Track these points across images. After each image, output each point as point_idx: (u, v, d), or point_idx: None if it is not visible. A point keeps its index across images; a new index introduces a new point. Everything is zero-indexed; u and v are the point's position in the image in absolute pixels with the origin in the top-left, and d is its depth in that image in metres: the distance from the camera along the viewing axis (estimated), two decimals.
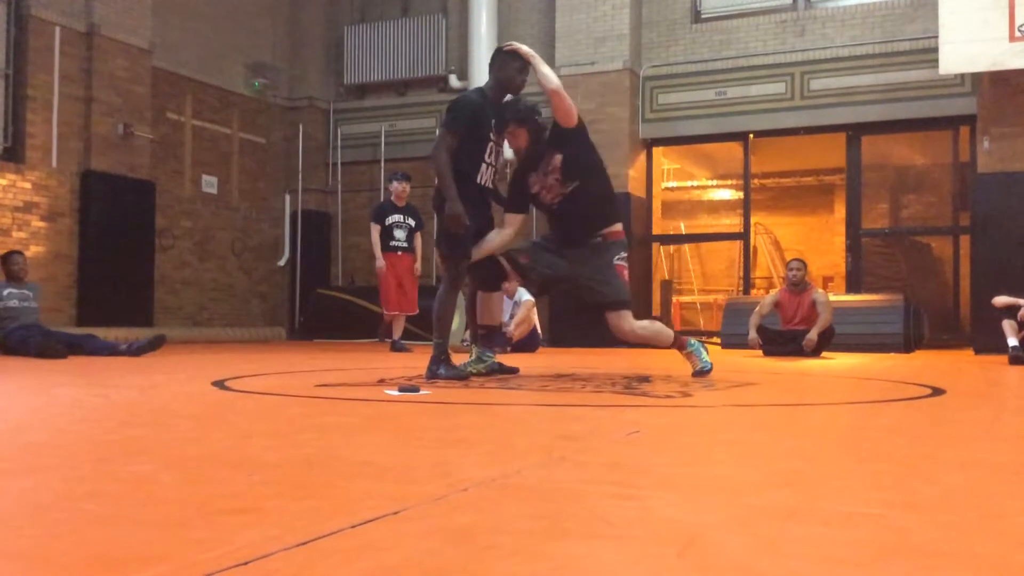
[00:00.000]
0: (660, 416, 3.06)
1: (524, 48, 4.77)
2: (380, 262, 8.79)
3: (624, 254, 4.86)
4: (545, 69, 4.69)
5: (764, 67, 11.33)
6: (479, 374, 4.80)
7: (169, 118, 11.99)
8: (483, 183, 4.77)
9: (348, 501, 1.53)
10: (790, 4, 11.41)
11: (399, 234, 8.87)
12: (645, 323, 5.06)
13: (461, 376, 4.53)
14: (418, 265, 9.05)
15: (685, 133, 11.90)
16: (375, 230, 8.84)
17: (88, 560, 1.16)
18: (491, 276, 4.94)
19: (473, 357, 4.94)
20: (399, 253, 8.85)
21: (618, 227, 4.90)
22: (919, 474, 1.94)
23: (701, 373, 4.90)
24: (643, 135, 11.81)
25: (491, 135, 4.76)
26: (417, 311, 9.05)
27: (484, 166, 4.74)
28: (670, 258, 15.50)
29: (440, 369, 4.56)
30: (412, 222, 8.96)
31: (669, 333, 5.03)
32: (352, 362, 6.68)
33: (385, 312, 9.03)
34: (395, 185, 8.99)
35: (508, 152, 5.55)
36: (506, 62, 4.85)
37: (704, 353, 4.98)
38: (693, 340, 5.07)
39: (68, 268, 10.22)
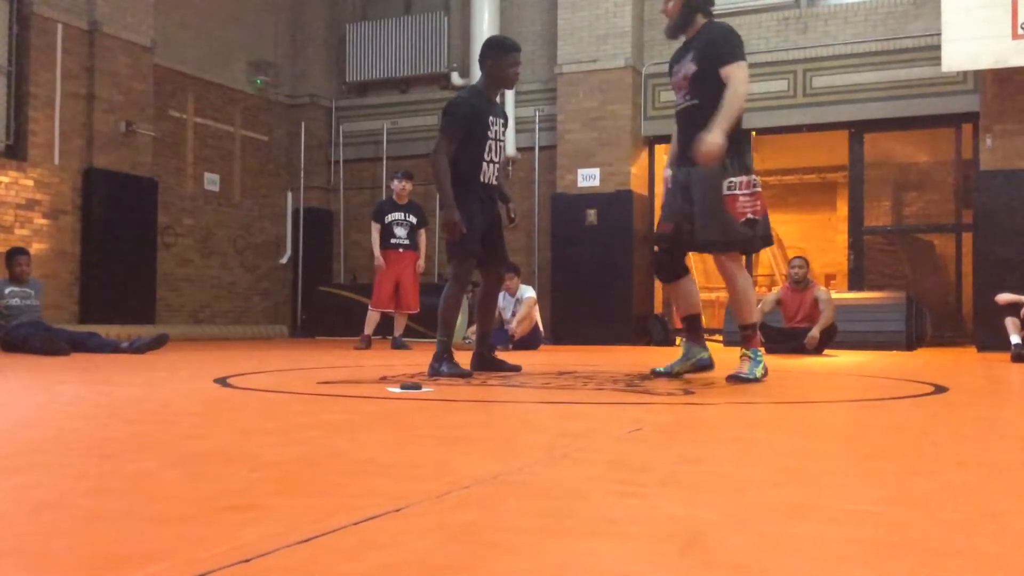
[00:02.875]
0: (662, 414, 3.06)
1: (719, 141, 4.21)
2: (379, 260, 8.91)
3: (738, 179, 4.32)
4: (728, 115, 4.32)
5: (766, 64, 11.30)
6: (686, 372, 4.55)
7: (171, 115, 11.99)
8: (487, 181, 4.83)
9: (350, 498, 1.53)
10: (792, 1, 11.40)
11: (399, 232, 8.98)
12: (749, 286, 4.49)
13: (463, 374, 4.54)
14: (421, 262, 9.13)
15: None
16: (375, 229, 9.00)
17: (90, 557, 1.16)
18: (669, 268, 4.65)
19: (681, 356, 4.63)
20: (400, 251, 8.96)
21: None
22: (921, 471, 1.94)
23: (738, 379, 4.28)
24: (645, 132, 11.80)
25: (490, 133, 4.78)
26: (418, 309, 9.12)
27: (486, 164, 4.81)
28: None
29: (443, 366, 4.57)
30: (414, 219, 9.07)
31: (755, 317, 4.52)
32: (354, 359, 6.68)
33: (370, 307, 9.04)
34: (395, 184, 9.14)
35: (510, 149, 5.54)
36: (501, 58, 4.85)
37: (759, 369, 4.36)
38: (761, 352, 4.50)
39: (70, 265, 10.23)
